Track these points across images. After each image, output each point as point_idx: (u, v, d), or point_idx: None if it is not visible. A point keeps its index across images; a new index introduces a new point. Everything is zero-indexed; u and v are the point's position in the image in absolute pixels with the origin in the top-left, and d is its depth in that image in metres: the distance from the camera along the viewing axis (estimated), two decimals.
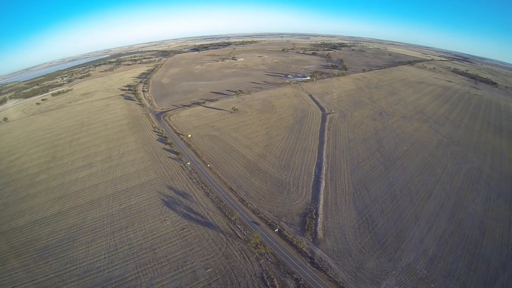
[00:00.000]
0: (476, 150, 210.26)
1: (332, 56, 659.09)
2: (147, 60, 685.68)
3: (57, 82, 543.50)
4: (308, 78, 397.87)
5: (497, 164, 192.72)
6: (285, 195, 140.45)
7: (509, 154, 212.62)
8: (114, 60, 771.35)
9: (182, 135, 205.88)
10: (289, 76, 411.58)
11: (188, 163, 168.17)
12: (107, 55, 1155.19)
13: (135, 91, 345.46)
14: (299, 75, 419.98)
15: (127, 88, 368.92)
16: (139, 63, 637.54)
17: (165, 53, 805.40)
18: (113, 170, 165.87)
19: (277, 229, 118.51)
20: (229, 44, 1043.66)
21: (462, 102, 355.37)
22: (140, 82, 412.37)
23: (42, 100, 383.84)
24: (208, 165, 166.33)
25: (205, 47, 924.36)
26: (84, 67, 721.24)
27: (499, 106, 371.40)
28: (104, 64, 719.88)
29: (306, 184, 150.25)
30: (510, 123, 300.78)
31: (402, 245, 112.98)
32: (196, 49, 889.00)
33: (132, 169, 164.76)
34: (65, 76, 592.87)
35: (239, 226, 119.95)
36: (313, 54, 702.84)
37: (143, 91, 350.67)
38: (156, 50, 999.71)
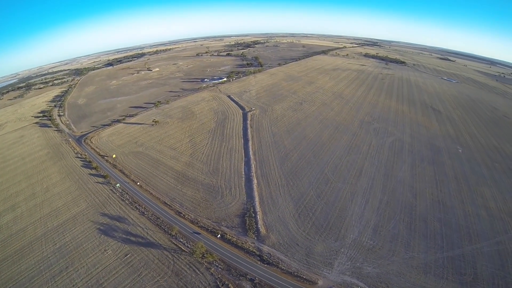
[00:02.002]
0: (396, 124, 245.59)
1: (247, 55, 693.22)
2: (59, 81, 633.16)
3: None
4: (225, 79, 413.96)
5: (416, 132, 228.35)
6: (220, 199, 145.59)
7: (424, 122, 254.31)
8: (24, 85, 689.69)
9: (107, 156, 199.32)
10: (205, 80, 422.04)
11: (118, 184, 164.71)
12: (14, 80, 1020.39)
13: (50, 116, 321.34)
14: (215, 77, 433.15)
15: (41, 115, 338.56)
16: (51, 85, 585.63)
17: (78, 72, 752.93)
18: (39, 207, 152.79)
19: (219, 235, 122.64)
20: (143, 54, 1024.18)
21: (376, 82, 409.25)
22: (55, 106, 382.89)
23: None
24: (138, 183, 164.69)
25: (119, 61, 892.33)
26: None
27: (409, 81, 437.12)
28: (12, 90, 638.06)
29: (238, 184, 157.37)
30: (421, 95, 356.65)
31: (344, 223, 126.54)
32: (110, 63, 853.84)
33: (60, 203, 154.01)
34: None
35: (181, 240, 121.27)
36: (228, 55, 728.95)
37: (59, 115, 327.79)
38: (68, 69, 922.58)
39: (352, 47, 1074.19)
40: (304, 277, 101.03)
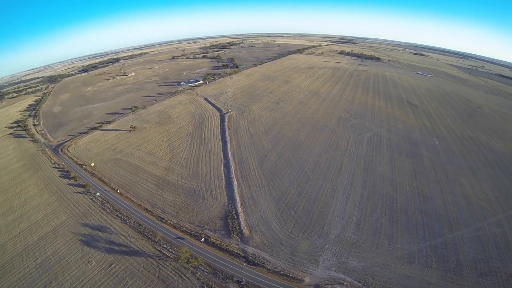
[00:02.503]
0: (373, 119, 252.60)
1: (223, 56, 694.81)
2: (33, 89, 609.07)
3: None
4: (201, 82, 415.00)
5: (393, 126, 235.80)
6: (201, 203, 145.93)
7: (401, 117, 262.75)
8: None
9: (85, 165, 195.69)
10: (181, 83, 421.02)
11: (98, 193, 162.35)
12: None
13: (25, 126, 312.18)
14: (191, 80, 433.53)
15: (15, 125, 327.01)
16: (25, 94, 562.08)
17: (52, 79, 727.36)
18: (18, 222, 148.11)
19: (202, 239, 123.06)
20: (118, 59, 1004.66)
21: (352, 79, 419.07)
22: (29, 115, 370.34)
23: None
24: (118, 191, 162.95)
25: (94, 66, 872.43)
26: None
27: (385, 77, 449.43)
28: None
29: (219, 187, 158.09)
30: (397, 90, 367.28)
31: (327, 220, 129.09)
32: (85, 69, 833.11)
33: (39, 216, 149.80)
34: None
35: (165, 246, 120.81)
36: (204, 57, 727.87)
37: (34, 125, 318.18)
38: (42, 77, 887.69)
39: (327, 45, 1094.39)
40: (290, 275, 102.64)
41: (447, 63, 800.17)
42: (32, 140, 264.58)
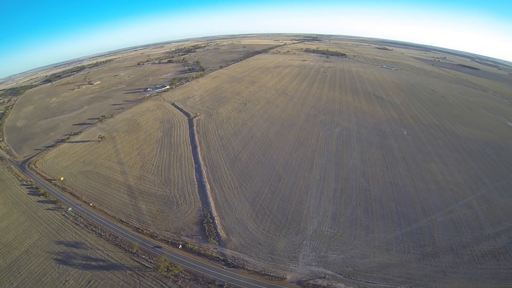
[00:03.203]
0: (341, 114, 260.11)
1: (188, 60, 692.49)
2: None
3: None
4: (168, 87, 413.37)
5: (361, 120, 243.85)
6: (176, 209, 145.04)
7: (369, 110, 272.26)
8: None
9: (54, 180, 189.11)
10: (148, 89, 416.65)
11: (70, 208, 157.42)
12: None
13: None
14: (158, 86, 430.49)
15: None
16: None
17: (14, 91, 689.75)
18: None
19: (180, 245, 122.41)
20: (82, 68, 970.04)
21: (319, 76, 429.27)
22: None
23: None
24: (91, 204, 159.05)
25: (57, 76, 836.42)
26: None
27: (351, 72, 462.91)
28: None
29: (192, 192, 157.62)
30: (363, 84, 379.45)
31: (303, 216, 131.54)
32: (48, 80, 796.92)
33: (10, 237, 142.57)
34: None
35: (143, 256, 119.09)
36: (169, 61, 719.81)
37: None
38: (3, 89, 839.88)
39: (293, 43, 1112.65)
40: (271, 274, 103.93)
41: (411, 56, 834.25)
42: None
